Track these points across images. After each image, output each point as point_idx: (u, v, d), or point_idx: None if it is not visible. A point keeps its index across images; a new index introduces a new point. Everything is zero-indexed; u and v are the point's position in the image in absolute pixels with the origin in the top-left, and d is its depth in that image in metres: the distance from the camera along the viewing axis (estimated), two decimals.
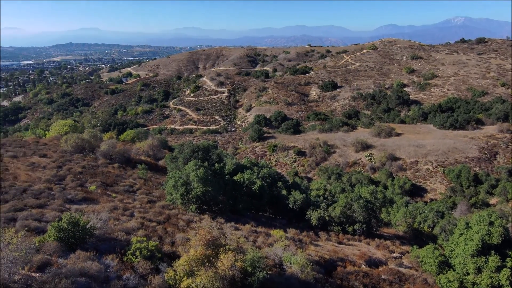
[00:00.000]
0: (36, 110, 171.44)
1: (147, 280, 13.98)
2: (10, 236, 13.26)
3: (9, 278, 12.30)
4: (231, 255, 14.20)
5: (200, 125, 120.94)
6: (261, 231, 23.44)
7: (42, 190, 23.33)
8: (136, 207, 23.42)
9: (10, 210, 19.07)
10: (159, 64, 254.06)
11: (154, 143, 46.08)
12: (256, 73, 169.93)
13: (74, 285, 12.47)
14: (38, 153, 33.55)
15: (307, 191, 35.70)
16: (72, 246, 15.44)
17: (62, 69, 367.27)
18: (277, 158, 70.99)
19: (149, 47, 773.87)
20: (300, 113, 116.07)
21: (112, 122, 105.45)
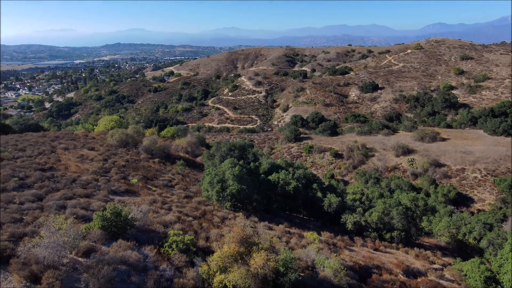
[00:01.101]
0: (86, 106, 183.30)
1: (182, 273, 14.45)
2: (60, 222, 14.33)
3: (59, 260, 13.30)
4: (264, 254, 14.26)
5: (237, 124, 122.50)
6: (294, 232, 23.30)
7: (89, 181, 24.93)
8: (174, 201, 24.27)
9: (61, 198, 20.59)
10: (199, 63, 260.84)
11: (192, 140, 47.43)
12: (294, 73, 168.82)
13: (115, 272, 13.21)
14: (87, 146, 35.88)
15: (343, 194, 34.88)
16: (115, 235, 16.36)
17: (110, 68, 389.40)
18: (313, 159, 70.05)
19: (190, 47, 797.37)
20: (338, 115, 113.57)
21: (154, 119, 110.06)
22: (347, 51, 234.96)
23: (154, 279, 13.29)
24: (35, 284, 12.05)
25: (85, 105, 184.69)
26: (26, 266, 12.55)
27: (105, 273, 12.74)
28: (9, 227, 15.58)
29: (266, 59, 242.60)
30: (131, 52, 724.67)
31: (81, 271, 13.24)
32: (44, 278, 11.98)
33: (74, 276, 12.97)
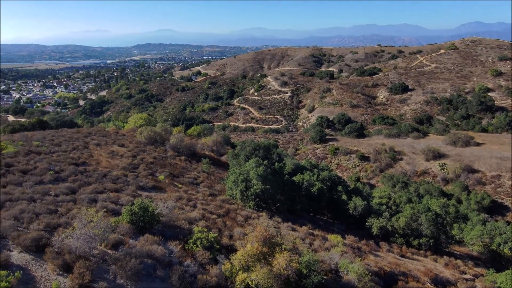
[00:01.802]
0: (117, 104, 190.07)
1: (206, 269, 14.68)
2: (91, 215, 14.96)
3: (89, 251, 13.89)
4: (286, 255, 14.21)
5: (262, 124, 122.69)
6: (318, 234, 23.03)
7: (119, 176, 25.84)
8: (199, 199, 24.69)
9: (92, 192, 21.48)
10: (226, 63, 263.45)
11: (218, 139, 48.02)
12: (321, 74, 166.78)
13: (142, 265, 13.63)
14: (117, 142, 37.21)
15: (369, 198, 34.07)
16: (142, 230, 16.86)
17: (140, 67, 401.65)
18: (338, 161, 68.94)
19: (217, 47, 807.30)
20: (366, 116, 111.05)
21: (181, 117, 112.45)
22: (376, 52, 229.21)
23: (179, 274, 13.58)
24: (67, 273, 12.65)
25: (116, 103, 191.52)
26: (60, 255, 13.21)
27: (133, 265, 13.18)
28: (45, 217, 16.45)
29: (293, 59, 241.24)
30: (161, 52, 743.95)
31: (110, 263, 13.77)
32: (76, 267, 12.55)
33: (103, 267, 13.50)
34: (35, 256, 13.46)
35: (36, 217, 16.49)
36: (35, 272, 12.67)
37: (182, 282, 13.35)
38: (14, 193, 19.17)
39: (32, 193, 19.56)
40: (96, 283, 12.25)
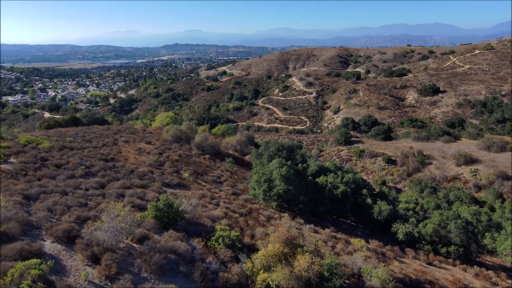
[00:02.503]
0: (145, 102, 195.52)
1: (227, 267, 14.81)
2: (119, 209, 15.48)
3: (116, 244, 14.38)
4: (308, 257, 14.08)
5: (286, 124, 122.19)
6: (341, 237, 22.66)
7: (145, 173, 26.59)
8: (222, 197, 24.95)
9: (120, 187, 22.22)
10: (251, 63, 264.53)
11: (241, 138, 48.29)
12: (347, 74, 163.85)
13: (165, 260, 13.96)
14: (145, 140, 38.29)
15: (395, 202, 33.11)
16: (166, 225, 17.26)
17: (168, 67, 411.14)
18: (363, 164, 67.48)
19: (243, 47, 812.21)
20: (393, 119, 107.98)
21: (206, 117, 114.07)
22: (405, 52, 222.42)
23: (201, 270, 13.79)
24: (95, 264, 13.16)
25: (144, 102, 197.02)
26: (89, 247, 13.77)
27: (156, 260, 13.52)
28: (76, 210, 17.20)
29: (318, 60, 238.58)
30: (188, 52, 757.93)
31: (135, 256, 14.19)
32: (103, 259, 13.04)
33: (128, 261, 13.94)
34: (66, 247, 14.10)
35: (68, 209, 17.28)
36: (66, 262, 13.28)
37: (203, 278, 13.55)
38: (48, 186, 20.18)
39: (64, 187, 20.52)
40: (121, 276, 12.67)
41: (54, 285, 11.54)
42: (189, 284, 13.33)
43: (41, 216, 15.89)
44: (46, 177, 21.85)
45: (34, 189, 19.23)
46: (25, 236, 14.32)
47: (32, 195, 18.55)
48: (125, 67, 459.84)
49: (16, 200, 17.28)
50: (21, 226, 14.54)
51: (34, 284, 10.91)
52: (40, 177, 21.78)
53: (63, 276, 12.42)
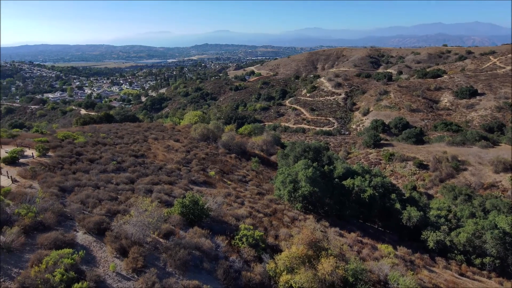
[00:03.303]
0: (175, 101, 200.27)
1: (250, 267, 14.83)
2: (147, 204, 15.92)
3: (143, 238, 14.79)
4: (332, 261, 13.82)
5: (313, 125, 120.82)
6: (367, 242, 22.07)
7: (173, 170, 27.20)
8: (247, 196, 25.04)
9: (149, 182, 22.87)
10: (280, 63, 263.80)
11: (268, 139, 48.27)
12: (378, 75, 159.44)
13: (190, 256, 14.18)
14: (173, 137, 39.20)
15: (426, 209, 31.81)
16: (191, 222, 17.56)
17: (197, 67, 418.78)
18: (393, 168, 65.38)
19: (271, 47, 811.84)
20: (426, 122, 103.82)
21: (233, 116, 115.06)
22: (441, 52, 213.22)
23: (224, 268, 13.90)
24: (123, 257, 13.61)
25: (174, 100, 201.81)
26: (117, 239, 14.25)
27: (181, 256, 13.77)
28: (106, 203, 17.88)
29: (348, 60, 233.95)
30: (217, 52, 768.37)
31: (160, 251, 14.54)
32: (131, 252, 13.45)
33: (154, 255, 14.30)
34: (97, 238, 14.69)
35: (99, 202, 18.00)
36: (96, 253, 13.83)
37: (227, 276, 13.65)
38: (82, 179, 21.13)
39: (97, 181, 21.40)
40: (147, 269, 13.01)
41: (85, 274, 12.05)
42: (212, 282, 13.47)
43: (74, 208, 16.66)
44: (81, 171, 22.89)
45: (69, 182, 20.20)
46: (60, 226, 15.07)
47: (67, 188, 19.50)
48: (157, 66, 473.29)
49: (53, 192, 18.22)
50: (56, 216, 15.32)
51: (66, 272, 11.44)
52: (75, 171, 22.85)
53: (93, 266, 12.95)
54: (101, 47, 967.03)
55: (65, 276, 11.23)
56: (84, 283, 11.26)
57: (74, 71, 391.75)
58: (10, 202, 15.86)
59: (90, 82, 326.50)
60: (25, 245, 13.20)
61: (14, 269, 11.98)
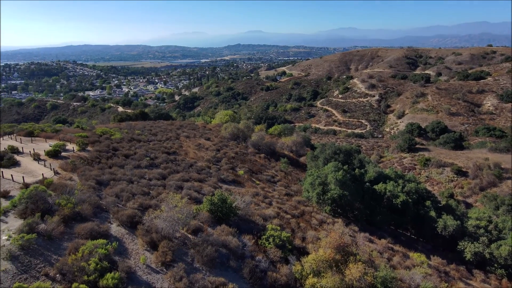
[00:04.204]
0: (206, 100, 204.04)
1: (276, 267, 14.78)
2: (177, 201, 16.33)
3: (172, 233, 15.19)
4: (361, 267, 13.45)
5: (344, 127, 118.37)
6: (398, 250, 21.27)
7: (203, 168, 27.71)
8: (275, 197, 24.98)
9: (179, 179, 23.44)
10: (312, 64, 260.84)
11: (298, 139, 47.88)
12: (415, 77, 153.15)
13: (217, 253, 14.38)
14: (204, 136, 39.93)
15: (463, 218, 30.11)
16: (219, 220, 17.79)
17: (229, 67, 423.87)
18: (428, 174, 62.55)
19: (304, 48, 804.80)
20: (466, 126, 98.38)
21: (263, 116, 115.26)
22: (485, 53, 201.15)
23: (250, 267, 13.95)
24: (153, 250, 14.05)
25: (206, 100, 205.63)
26: (148, 233, 14.74)
27: (209, 252, 13.99)
28: (139, 198, 18.55)
29: (383, 61, 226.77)
30: (249, 52, 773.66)
31: (189, 247, 14.86)
32: (161, 246, 13.86)
33: (183, 250, 14.64)
34: (129, 231, 15.28)
35: (133, 196, 18.71)
36: (128, 245, 14.38)
37: (252, 275, 13.69)
38: (117, 173, 22.06)
39: (131, 175, 22.26)
40: (176, 263, 13.35)
41: (117, 265, 12.57)
42: (238, 280, 13.57)
43: (109, 201, 17.44)
44: (116, 166, 23.90)
45: (105, 175, 21.17)
46: (95, 217, 15.84)
47: (103, 181, 20.45)
48: (190, 66, 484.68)
49: (90, 185, 19.18)
50: (92, 208, 16.12)
51: (100, 262, 11.99)
52: (111, 165, 23.90)
53: (125, 257, 13.48)
54: (138, 47, 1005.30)
55: (99, 265, 11.78)
56: (116, 273, 11.74)
57: (113, 70, 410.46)
58: (52, 192, 16.88)
59: (128, 81, 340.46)
60: (64, 233, 13.99)
61: (53, 255, 12.73)
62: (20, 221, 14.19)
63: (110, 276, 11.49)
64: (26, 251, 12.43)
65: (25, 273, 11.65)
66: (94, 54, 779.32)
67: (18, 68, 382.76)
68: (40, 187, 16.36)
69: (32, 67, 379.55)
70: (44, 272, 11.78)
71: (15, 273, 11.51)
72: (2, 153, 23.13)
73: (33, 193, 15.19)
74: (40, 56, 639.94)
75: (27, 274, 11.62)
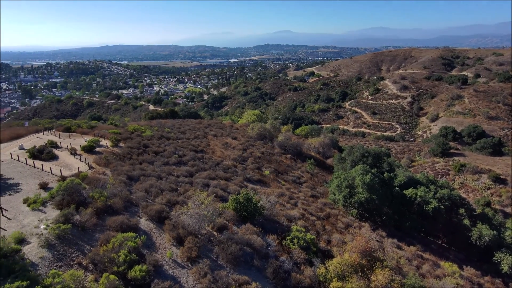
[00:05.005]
0: (234, 100, 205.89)
1: (300, 269, 14.67)
2: (203, 198, 16.62)
3: (198, 230, 15.47)
4: (388, 273, 13.08)
5: (374, 129, 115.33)
6: (428, 258, 20.45)
7: (229, 166, 28.00)
8: (300, 198, 24.80)
9: (206, 177, 23.84)
10: (341, 64, 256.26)
11: (325, 141, 47.24)
12: (451, 78, 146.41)
13: (241, 252, 14.49)
14: (231, 135, 40.33)
15: (501, 228, 28.43)
16: (244, 219, 17.91)
17: (257, 67, 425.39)
18: (463, 180, 59.62)
19: (333, 48, 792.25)
20: (506, 131, 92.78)
21: (291, 117, 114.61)
22: None
23: (274, 267, 13.95)
24: (179, 245, 14.38)
25: (234, 99, 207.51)
26: (175, 228, 15.11)
27: (233, 250, 14.13)
28: (167, 194, 19.05)
29: (417, 62, 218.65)
30: (277, 52, 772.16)
31: (214, 244, 15.08)
32: (187, 242, 14.16)
33: (208, 247, 14.88)
34: (157, 226, 15.74)
35: (161, 192, 19.26)
36: (155, 239, 14.82)
37: (276, 276, 13.67)
38: (147, 170, 22.78)
39: (160, 172, 22.91)
40: (201, 260, 13.59)
41: (145, 258, 12.99)
42: (261, 279, 13.60)
43: (139, 196, 18.05)
44: (146, 162, 24.69)
45: (136, 171, 21.93)
46: (126, 211, 16.45)
47: (134, 176, 21.19)
48: (219, 66, 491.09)
49: (121, 180, 19.94)
50: (123, 202, 16.75)
51: (129, 254, 12.45)
52: (141, 161, 24.72)
53: (152, 251, 13.90)
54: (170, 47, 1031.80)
55: (128, 257, 12.23)
56: (144, 266, 12.14)
57: (146, 70, 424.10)
58: (86, 186, 17.72)
59: (159, 80, 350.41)
60: (96, 225, 14.65)
61: (86, 246, 13.36)
62: (57, 212, 15.02)
63: (138, 268, 11.89)
64: (61, 240, 13.13)
65: (60, 261, 12.30)
66: (128, 54, 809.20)
67: (58, 67, 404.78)
68: (75, 180, 17.22)
69: (71, 66, 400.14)
70: (77, 261, 12.39)
71: (52, 260, 12.19)
72: (42, 147, 24.57)
73: (69, 186, 16.02)
74: (79, 56, 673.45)
75: (62, 262, 12.27)
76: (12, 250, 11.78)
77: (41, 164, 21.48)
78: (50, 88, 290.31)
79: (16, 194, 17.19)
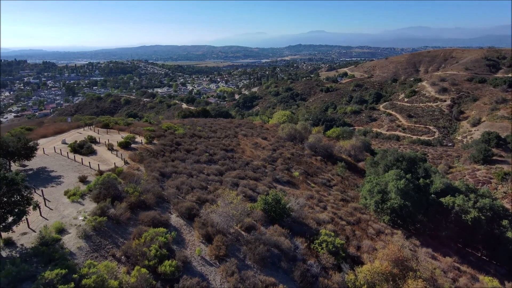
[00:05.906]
0: (265, 100, 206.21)
1: (328, 274, 14.38)
2: (232, 197, 16.74)
3: (227, 229, 15.62)
4: (421, 284, 12.50)
5: (409, 133, 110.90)
6: (466, 271, 19.33)
7: (259, 166, 28.04)
8: (330, 201, 24.34)
9: (235, 176, 24.02)
10: (376, 65, 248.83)
11: (357, 144, 46.06)
12: (495, 81, 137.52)
13: (269, 253, 14.44)
14: (261, 135, 40.39)
15: None
16: (272, 220, 17.85)
17: (289, 67, 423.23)
18: (506, 189, 55.82)
19: (368, 48, 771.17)
20: None
21: (322, 118, 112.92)
22: None
23: (301, 271, 13.77)
24: (208, 243, 14.58)
25: (265, 99, 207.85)
26: (204, 226, 15.35)
27: (261, 251, 14.12)
28: (197, 191, 19.40)
29: (458, 63, 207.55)
30: (310, 52, 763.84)
31: (242, 243, 15.15)
32: (215, 240, 14.34)
33: (236, 246, 14.97)
34: (187, 222, 16.07)
35: (191, 190, 19.64)
36: (185, 236, 15.13)
37: (303, 279, 13.50)
38: (179, 167, 23.33)
39: (191, 169, 23.39)
40: (228, 258, 13.70)
41: (174, 253, 13.31)
42: (288, 282, 13.48)
43: (171, 192, 18.52)
44: (178, 159, 25.31)
45: (168, 168, 22.53)
46: (157, 207, 16.94)
47: (166, 173, 21.78)
48: (251, 66, 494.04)
49: (154, 176, 20.57)
50: (155, 198, 17.26)
51: (159, 249, 12.80)
52: (174, 159, 25.37)
53: (182, 247, 14.20)
54: (203, 47, 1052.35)
55: (158, 252, 12.58)
56: (173, 261, 12.43)
57: (180, 69, 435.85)
58: (122, 180, 18.45)
59: (192, 79, 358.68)
60: (129, 219, 15.21)
61: (120, 238, 13.90)
62: (94, 205, 15.76)
63: (168, 263, 12.20)
64: (97, 232, 13.77)
65: (96, 252, 12.90)
66: (164, 54, 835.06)
67: (99, 66, 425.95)
68: (112, 175, 17.99)
69: (110, 66, 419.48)
70: (111, 253, 12.93)
71: (88, 251, 12.80)
72: (83, 143, 25.93)
73: (106, 180, 16.76)
74: (118, 56, 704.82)
75: (97, 253, 12.86)
76: (53, 239, 12.51)
77: (81, 158, 22.67)
78: (91, 86, 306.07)
79: (58, 186, 18.24)
